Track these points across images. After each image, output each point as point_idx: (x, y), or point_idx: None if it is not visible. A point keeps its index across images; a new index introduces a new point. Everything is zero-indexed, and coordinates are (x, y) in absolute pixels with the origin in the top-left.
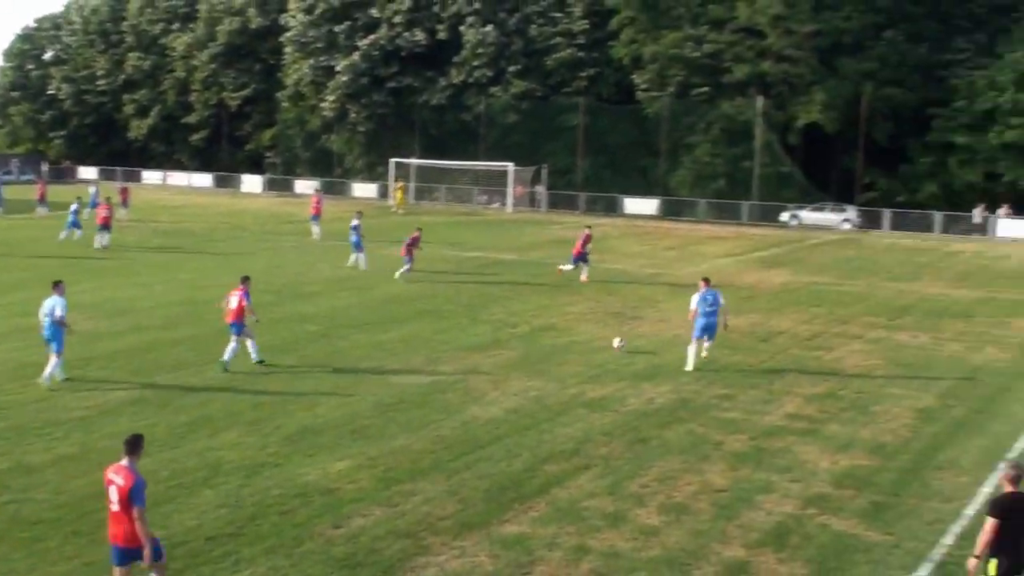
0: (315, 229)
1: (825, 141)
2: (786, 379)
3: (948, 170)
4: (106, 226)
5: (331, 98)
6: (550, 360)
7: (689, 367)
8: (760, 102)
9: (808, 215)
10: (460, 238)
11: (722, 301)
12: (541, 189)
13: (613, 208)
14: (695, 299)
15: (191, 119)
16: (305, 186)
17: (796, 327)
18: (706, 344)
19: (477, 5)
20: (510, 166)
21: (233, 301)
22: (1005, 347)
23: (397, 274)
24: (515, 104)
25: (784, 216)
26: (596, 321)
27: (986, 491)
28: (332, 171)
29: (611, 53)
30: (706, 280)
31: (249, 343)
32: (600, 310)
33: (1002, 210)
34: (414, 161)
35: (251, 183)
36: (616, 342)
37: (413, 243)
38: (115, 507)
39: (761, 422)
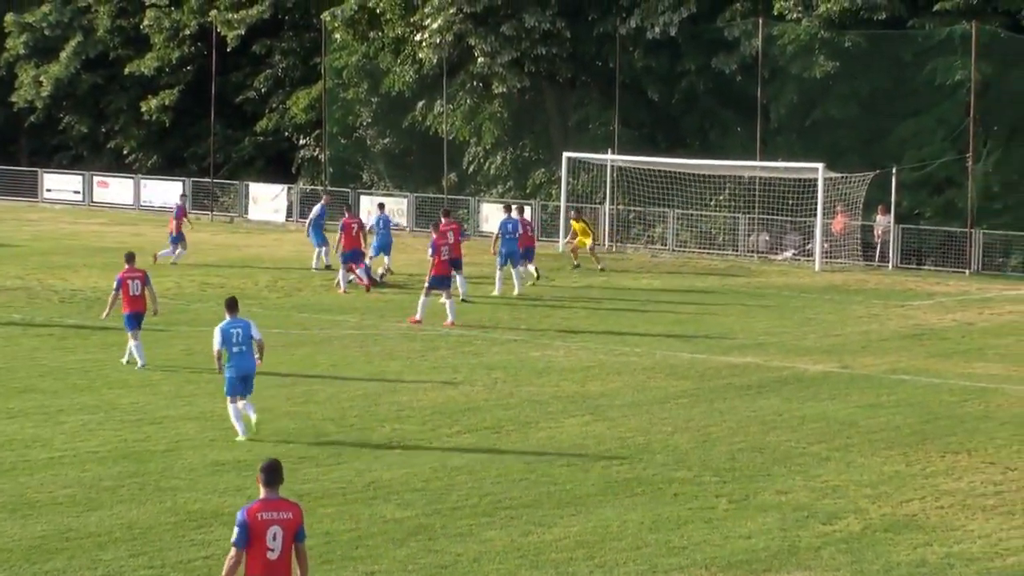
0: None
1: None
2: None
3: None
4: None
5: (435, 22)
6: None
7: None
8: None
9: None
10: (703, 325)
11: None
12: (884, 220)
13: None
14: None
15: (142, 67)
16: (389, 207)
17: None
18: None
19: None
20: (819, 169)
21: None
22: None
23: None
24: (828, 38)
25: None
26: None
27: None
28: (440, 175)
29: None
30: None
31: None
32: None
33: None
34: (615, 158)
35: (267, 200)
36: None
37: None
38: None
39: None
